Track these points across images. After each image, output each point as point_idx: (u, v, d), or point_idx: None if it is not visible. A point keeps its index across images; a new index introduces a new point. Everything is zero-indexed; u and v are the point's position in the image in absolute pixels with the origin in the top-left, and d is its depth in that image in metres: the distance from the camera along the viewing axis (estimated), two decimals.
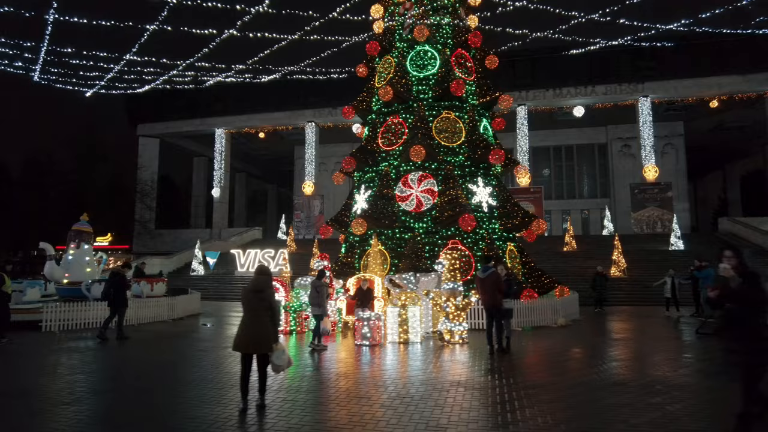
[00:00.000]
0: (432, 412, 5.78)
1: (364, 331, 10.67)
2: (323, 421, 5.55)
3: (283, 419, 5.62)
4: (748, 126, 38.64)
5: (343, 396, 6.64)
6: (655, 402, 6.24)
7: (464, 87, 15.70)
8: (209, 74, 30.46)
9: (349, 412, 5.87)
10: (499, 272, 10.30)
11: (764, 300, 4.85)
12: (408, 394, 6.64)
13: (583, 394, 6.68)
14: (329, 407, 6.11)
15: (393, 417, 5.62)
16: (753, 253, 26.16)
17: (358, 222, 14.89)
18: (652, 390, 6.78)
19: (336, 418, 5.66)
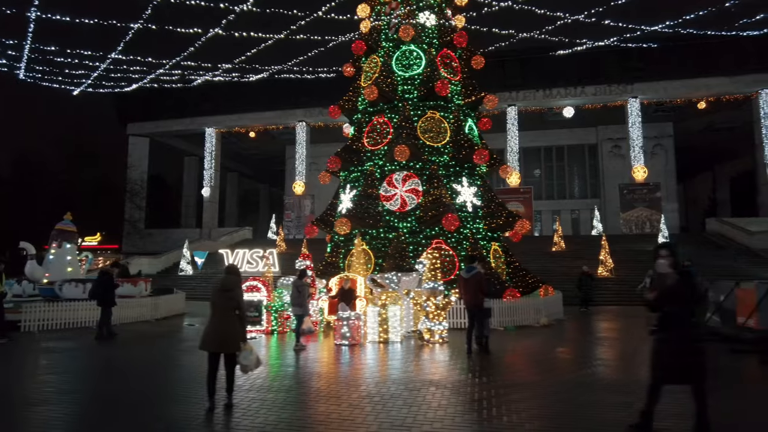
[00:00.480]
0: (399, 411, 5.77)
1: (344, 331, 10.65)
2: (288, 420, 5.52)
3: (248, 418, 5.59)
4: (737, 127, 38.92)
5: (313, 395, 6.62)
6: (626, 401, 6.25)
7: (449, 87, 15.72)
8: (196, 73, 30.28)
9: (316, 412, 5.85)
10: (482, 272, 10.33)
11: (697, 297, 4.83)
12: (378, 393, 6.63)
13: (555, 393, 6.68)
14: (297, 407, 6.09)
15: (359, 416, 5.60)
16: (738, 253, 26.37)
17: (342, 222, 14.87)
18: (623, 389, 6.79)
19: (301, 417, 5.64)
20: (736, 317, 10.58)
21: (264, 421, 5.48)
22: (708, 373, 4.69)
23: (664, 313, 4.78)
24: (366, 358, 9.40)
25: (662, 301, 4.80)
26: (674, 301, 4.73)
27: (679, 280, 4.75)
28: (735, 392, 6.80)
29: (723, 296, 11.26)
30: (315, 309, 12.88)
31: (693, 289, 4.87)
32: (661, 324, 4.79)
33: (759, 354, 8.67)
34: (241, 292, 6.19)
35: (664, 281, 4.74)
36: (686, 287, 4.76)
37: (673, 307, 4.73)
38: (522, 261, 27.70)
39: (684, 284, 4.75)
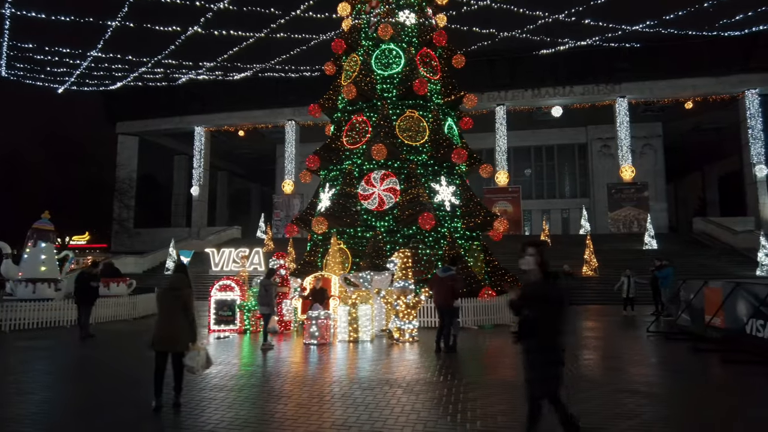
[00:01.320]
0: (345, 411, 5.75)
1: (312, 330, 10.62)
2: (231, 419, 5.49)
3: (192, 418, 5.57)
4: (724, 127, 39.10)
5: (264, 395, 6.60)
6: (579, 398, 6.26)
7: (427, 86, 15.69)
8: (180, 72, 30.12)
9: (262, 411, 5.82)
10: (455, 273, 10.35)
11: (561, 300, 4.15)
12: (331, 392, 6.61)
13: (509, 391, 6.68)
14: (244, 406, 6.05)
15: (303, 416, 5.58)
16: (721, 252, 26.50)
17: (318, 220, 14.83)
18: (582, 386, 6.80)
19: (245, 416, 5.61)
20: (704, 316, 10.60)
21: (207, 420, 5.46)
22: (561, 385, 4.07)
23: (523, 318, 4.22)
24: (331, 357, 9.38)
25: (521, 303, 4.24)
26: (533, 304, 4.15)
27: (541, 281, 4.17)
28: (691, 392, 6.80)
29: (692, 295, 11.29)
30: (288, 308, 12.85)
31: (556, 292, 4.14)
32: (521, 330, 4.18)
33: (720, 353, 8.69)
34: (189, 291, 6.16)
35: (527, 280, 4.24)
36: (549, 290, 4.13)
37: (533, 311, 4.13)
38: (508, 260, 27.93)
39: (547, 286, 4.14)
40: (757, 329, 8.78)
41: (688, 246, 29.29)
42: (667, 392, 6.69)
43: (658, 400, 6.25)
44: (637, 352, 9.78)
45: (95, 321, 14.65)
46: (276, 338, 11.82)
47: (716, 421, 5.49)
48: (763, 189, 32.35)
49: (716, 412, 5.83)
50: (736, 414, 5.76)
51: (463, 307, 13.28)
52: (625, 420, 5.44)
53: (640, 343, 10.77)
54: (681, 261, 25.28)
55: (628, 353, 9.72)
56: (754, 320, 8.85)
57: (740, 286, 9.38)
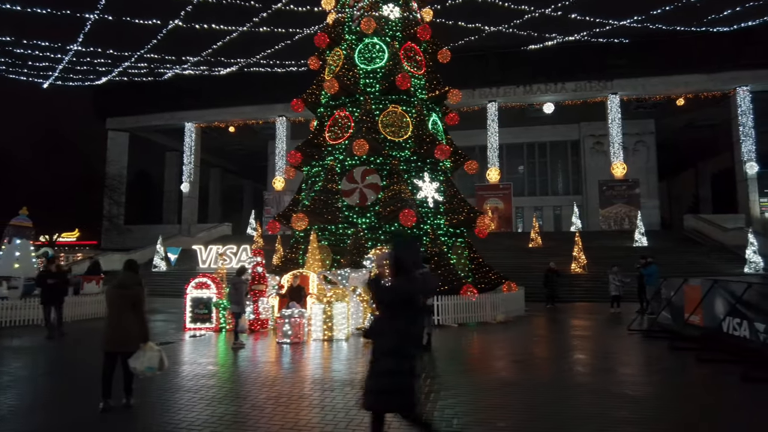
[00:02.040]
0: (298, 413, 5.57)
1: (285, 329, 10.43)
2: (178, 422, 5.29)
3: (139, 420, 5.38)
4: (717, 124, 38.99)
5: (220, 396, 6.40)
6: (540, 400, 6.09)
7: (410, 80, 15.46)
8: (165, 67, 29.79)
9: (213, 413, 5.62)
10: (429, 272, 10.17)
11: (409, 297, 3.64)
12: (289, 393, 6.42)
13: (479, 392, 6.50)
14: (197, 408, 5.84)
15: (254, 418, 5.39)
16: (711, 250, 26.41)
17: (299, 217, 14.62)
18: (541, 390, 6.63)
19: (194, 419, 5.41)
20: (684, 314, 10.45)
21: (151, 422, 5.27)
22: (417, 399, 3.55)
23: (375, 319, 3.78)
24: (301, 356, 9.18)
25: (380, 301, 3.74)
26: (383, 300, 3.70)
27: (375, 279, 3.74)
28: (660, 391, 6.63)
29: (673, 293, 11.14)
30: (265, 306, 12.65)
31: (406, 287, 3.62)
32: (369, 329, 3.77)
33: (697, 352, 8.53)
34: (139, 290, 5.96)
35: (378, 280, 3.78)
36: (398, 285, 3.63)
37: (382, 313, 3.70)
38: (497, 257, 27.72)
39: (397, 281, 3.64)
40: (733, 327, 8.63)
41: (678, 243, 29.18)
42: (635, 392, 6.52)
43: (624, 400, 6.08)
44: (613, 351, 9.62)
45: (71, 319, 14.46)
46: (252, 337, 11.64)
47: (682, 423, 5.33)
48: (753, 186, 32.30)
49: (684, 413, 5.67)
50: (701, 415, 5.60)
51: (444, 305, 13.13)
52: (587, 421, 5.27)
53: (618, 341, 10.61)
54: (671, 258, 25.20)
55: (603, 351, 9.56)
56: (730, 318, 8.70)
57: (718, 284, 9.23)
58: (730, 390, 6.61)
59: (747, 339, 8.20)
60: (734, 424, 5.33)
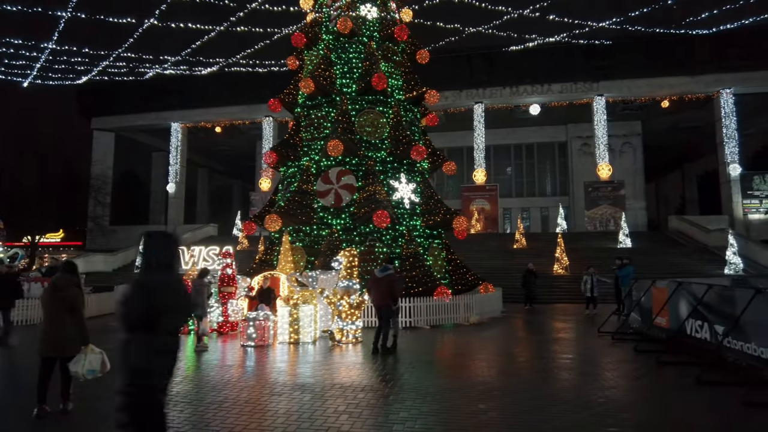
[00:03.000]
0: (237, 419, 5.43)
1: (249, 332, 10.29)
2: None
3: (73, 427, 5.24)
4: (701, 126, 39.20)
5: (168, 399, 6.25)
6: (476, 404, 6.01)
7: (386, 81, 15.36)
8: (145, 66, 29.53)
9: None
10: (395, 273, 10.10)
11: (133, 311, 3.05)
12: (237, 398, 6.29)
13: (442, 398, 6.40)
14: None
15: (189, 423, 5.26)
16: (693, 251, 26.51)
17: (272, 218, 14.48)
18: (484, 394, 6.54)
19: None
20: (652, 315, 10.42)
21: (87, 429, 5.13)
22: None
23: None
24: (263, 360, 9.04)
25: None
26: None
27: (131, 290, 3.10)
28: (607, 396, 6.55)
29: (642, 294, 11.11)
30: (235, 308, 12.50)
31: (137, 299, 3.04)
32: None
33: (659, 354, 8.48)
34: (76, 292, 5.80)
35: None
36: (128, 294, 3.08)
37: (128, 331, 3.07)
38: (480, 258, 27.74)
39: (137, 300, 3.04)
40: (695, 330, 8.59)
41: (661, 244, 29.30)
42: (586, 396, 6.44)
43: (572, 405, 6.00)
44: (577, 353, 9.56)
45: (37, 321, 14.23)
46: (221, 339, 11.50)
47: (624, 428, 5.25)
48: (736, 188, 32.49)
49: (629, 417, 5.59)
50: (648, 419, 5.52)
51: (416, 307, 13.04)
52: (526, 428, 5.19)
53: (585, 343, 10.55)
54: (652, 259, 25.29)
55: (566, 354, 9.50)
56: (693, 320, 8.66)
57: (682, 286, 9.19)
58: (685, 393, 6.54)
59: (707, 341, 8.16)
60: (679, 428, 5.26)
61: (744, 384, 6.35)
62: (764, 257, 24.08)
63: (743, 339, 7.21)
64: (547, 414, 5.66)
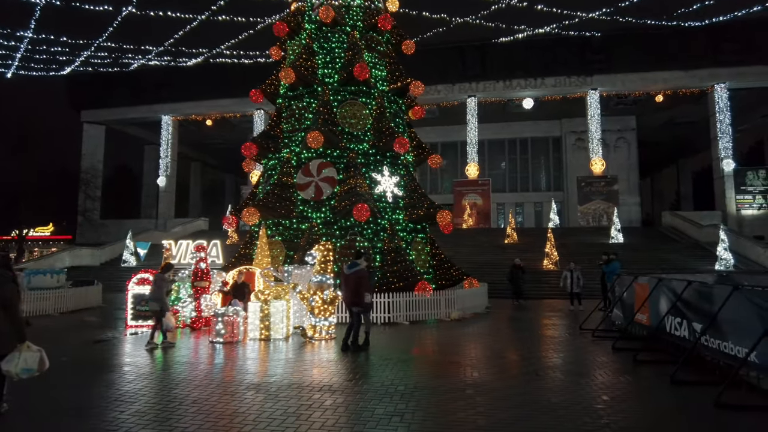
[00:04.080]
0: (180, 421, 5.14)
1: (218, 328, 9.99)
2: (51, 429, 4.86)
3: (6, 428, 4.94)
4: (696, 122, 38.89)
5: (112, 398, 5.95)
6: (459, 405, 5.72)
7: (368, 71, 14.99)
8: (128, 57, 29.04)
9: (105, 420, 5.18)
10: (364, 268, 9.79)
11: None
12: (187, 397, 6.00)
13: (404, 399, 6.11)
14: (79, 412, 5.41)
15: (129, 423, 4.95)
16: (685, 246, 26.26)
17: (249, 211, 14.15)
18: (445, 395, 6.25)
19: (68, 425, 4.97)
20: (634, 312, 10.14)
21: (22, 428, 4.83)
22: None
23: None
24: (227, 357, 8.74)
25: None
26: None
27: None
28: (584, 395, 6.26)
29: (624, 290, 10.83)
30: (208, 303, 12.20)
31: None
32: None
33: (637, 352, 8.20)
34: (10, 288, 5.47)
35: None
36: None
37: None
38: (469, 253, 27.47)
39: None
40: (675, 327, 8.31)
41: (653, 240, 29.04)
42: (552, 397, 6.16)
43: (535, 407, 5.72)
44: (554, 351, 9.27)
45: None
46: (194, 335, 11.21)
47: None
48: (730, 183, 32.24)
49: (594, 419, 5.31)
50: (611, 422, 5.24)
51: (395, 302, 12.75)
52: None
53: (565, 341, 10.25)
54: (643, 255, 25.04)
55: (542, 352, 9.19)
56: (672, 318, 8.37)
57: (662, 282, 8.90)
58: (657, 393, 6.26)
59: (686, 339, 7.88)
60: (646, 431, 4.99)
61: (719, 384, 6.09)
62: (755, 253, 23.84)
63: (720, 337, 6.93)
64: (510, 415, 5.38)
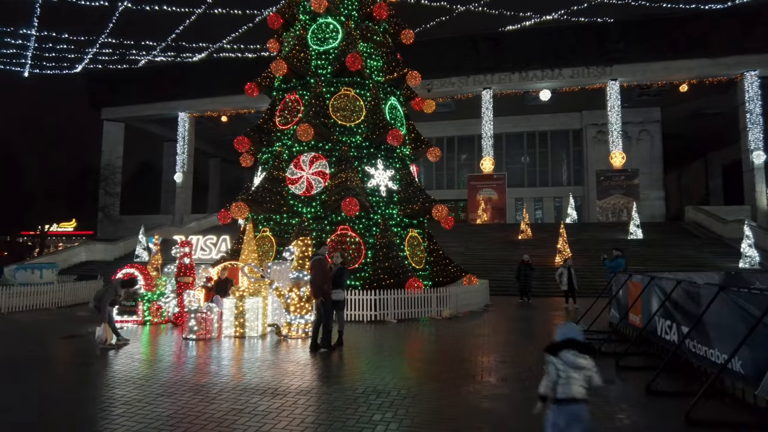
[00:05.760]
0: (113, 421, 4.85)
1: (191, 324, 9.76)
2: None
3: None
4: (725, 112, 37.08)
5: (38, 398, 5.72)
6: (360, 410, 5.28)
7: (361, 61, 14.53)
8: (129, 53, 29.22)
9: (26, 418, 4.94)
10: (330, 260, 9.38)
11: None
12: (122, 397, 5.71)
13: (297, 407, 5.70)
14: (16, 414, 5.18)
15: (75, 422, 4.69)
16: (706, 243, 24.99)
17: (238, 206, 13.92)
18: (386, 398, 5.80)
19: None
20: (628, 312, 9.48)
21: None
22: None
23: None
24: (191, 355, 8.47)
25: None
26: None
27: None
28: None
29: (619, 289, 10.16)
30: (191, 299, 11.99)
31: None
32: None
33: (621, 357, 7.57)
34: None
35: None
36: None
37: None
38: (479, 249, 26.80)
39: None
40: (665, 330, 7.65)
41: (674, 236, 27.78)
42: (497, 407, 5.64)
43: (483, 417, 5.23)
44: (533, 354, 8.69)
45: (8, 310, 14.13)
46: (177, 331, 11.03)
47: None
48: (760, 176, 30.60)
49: None
50: None
51: (382, 299, 12.32)
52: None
53: (549, 342, 9.62)
54: (660, 252, 23.95)
55: (521, 354, 8.62)
56: (663, 320, 7.71)
57: (654, 281, 8.23)
58: (630, 405, 5.66)
59: (674, 343, 7.22)
60: None
61: (704, 395, 5.48)
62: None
63: (707, 343, 6.28)
64: (452, 427, 4.91)
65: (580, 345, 3.51)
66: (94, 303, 9.27)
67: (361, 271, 13.54)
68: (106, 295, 9.13)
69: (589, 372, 3.41)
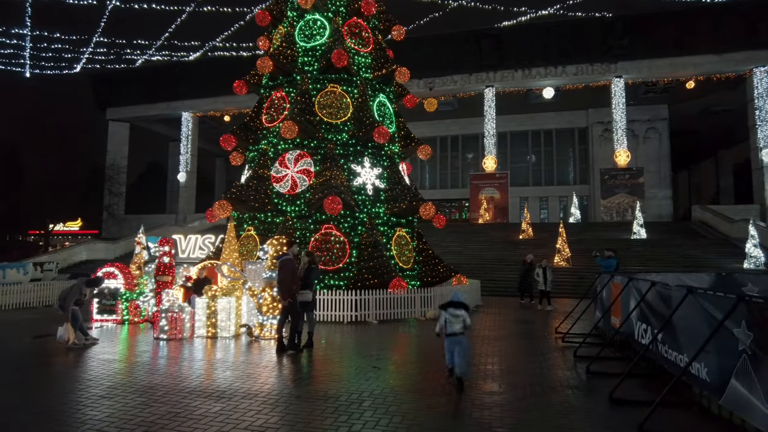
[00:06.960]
0: (60, 426, 4.66)
1: (162, 324, 9.59)
2: None
3: None
4: (734, 110, 36.27)
5: (26, 398, 5.57)
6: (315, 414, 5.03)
7: (347, 57, 14.30)
8: (124, 52, 29.25)
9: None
10: (297, 259, 9.16)
11: None
12: (65, 401, 5.54)
13: (249, 410, 5.47)
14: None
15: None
16: (711, 243, 24.37)
17: (221, 204, 13.77)
18: (336, 401, 5.54)
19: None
20: (610, 315, 9.13)
21: None
22: None
23: None
24: (156, 356, 8.30)
25: None
26: None
27: None
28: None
29: (601, 289, 9.80)
30: (170, 298, 11.84)
31: None
32: None
33: (595, 361, 7.24)
34: None
35: None
36: None
37: None
38: (476, 249, 26.43)
39: None
40: (641, 334, 7.30)
41: (679, 236, 27.17)
42: (444, 415, 5.36)
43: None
44: (500, 355, 8.39)
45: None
46: (156, 330, 10.87)
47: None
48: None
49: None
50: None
51: (363, 300, 12.08)
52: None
53: (526, 345, 9.32)
54: (663, 251, 23.42)
55: (489, 356, 8.32)
56: (639, 323, 7.37)
57: (632, 282, 7.88)
58: (587, 415, 5.35)
59: (650, 349, 6.87)
60: None
61: (673, 405, 5.18)
62: None
63: (677, 348, 5.94)
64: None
65: (458, 303, 6.26)
66: (58, 302, 9.13)
67: (346, 270, 13.30)
68: (70, 294, 8.98)
69: (462, 317, 6.18)
